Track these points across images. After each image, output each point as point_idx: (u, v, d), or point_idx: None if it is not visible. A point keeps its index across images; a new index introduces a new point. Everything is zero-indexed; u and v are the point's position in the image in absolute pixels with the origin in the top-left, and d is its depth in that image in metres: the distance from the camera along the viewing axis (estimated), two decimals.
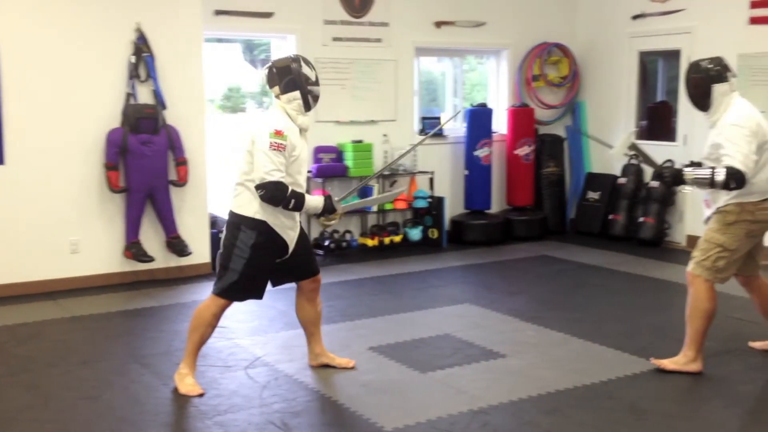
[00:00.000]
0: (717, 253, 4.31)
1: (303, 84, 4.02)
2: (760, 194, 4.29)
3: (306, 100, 4.05)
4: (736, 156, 4.11)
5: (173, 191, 6.60)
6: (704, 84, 4.32)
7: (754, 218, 4.29)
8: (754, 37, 7.34)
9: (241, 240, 4.00)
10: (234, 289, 4.08)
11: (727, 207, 4.30)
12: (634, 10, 8.41)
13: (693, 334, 4.40)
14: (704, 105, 4.36)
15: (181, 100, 6.65)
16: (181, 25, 6.66)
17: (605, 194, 8.67)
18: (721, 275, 4.36)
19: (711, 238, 4.36)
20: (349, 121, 7.80)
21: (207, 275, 6.82)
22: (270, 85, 4.07)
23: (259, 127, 3.97)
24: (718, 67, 4.34)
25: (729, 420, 3.84)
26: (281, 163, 3.89)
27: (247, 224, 4.00)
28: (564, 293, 6.33)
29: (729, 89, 4.31)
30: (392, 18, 7.94)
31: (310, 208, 4.07)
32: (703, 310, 4.35)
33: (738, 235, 4.30)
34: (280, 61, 4.09)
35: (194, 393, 4.11)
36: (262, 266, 4.08)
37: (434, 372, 4.46)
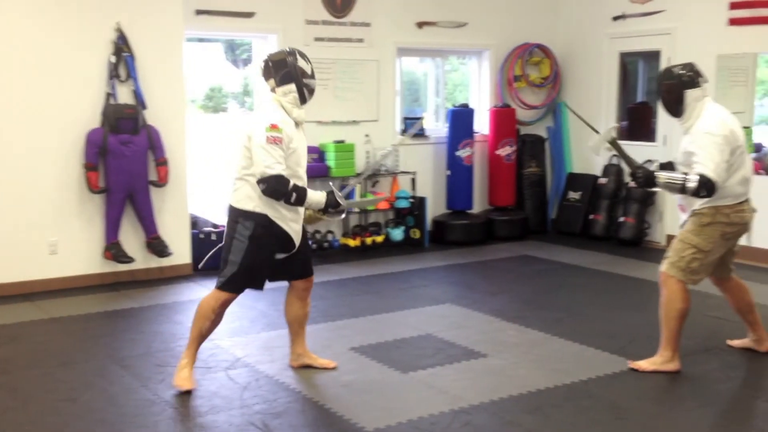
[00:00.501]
0: (691, 254, 4.35)
1: (299, 77, 4.03)
2: (734, 197, 4.32)
3: (301, 92, 4.06)
4: (708, 165, 4.14)
5: (153, 191, 6.56)
6: (677, 90, 4.35)
7: (729, 221, 4.32)
8: (734, 38, 7.40)
9: (239, 232, 4.00)
10: (234, 281, 4.06)
11: (702, 210, 4.34)
12: (615, 11, 8.46)
13: (668, 334, 4.43)
14: (677, 111, 4.39)
15: (161, 100, 6.61)
16: (162, 25, 6.62)
17: (586, 194, 8.71)
18: (695, 277, 4.39)
19: (685, 239, 4.39)
20: (331, 121, 7.79)
21: (188, 276, 6.79)
22: (265, 78, 4.08)
23: (255, 122, 3.98)
24: (690, 73, 4.37)
25: (707, 418, 3.87)
26: (280, 156, 3.90)
27: (245, 217, 4.00)
28: (545, 293, 6.35)
29: (701, 94, 4.34)
30: (374, 18, 7.94)
31: (312, 202, 4.05)
32: (676, 311, 4.38)
33: (712, 237, 4.33)
34: (275, 55, 4.10)
35: (183, 387, 4.11)
36: (262, 258, 4.06)
37: (416, 372, 4.46)
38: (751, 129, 7.38)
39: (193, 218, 7.08)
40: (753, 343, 4.79)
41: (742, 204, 4.36)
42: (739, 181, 4.31)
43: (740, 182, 4.32)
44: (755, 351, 4.76)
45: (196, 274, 6.84)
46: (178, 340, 5.08)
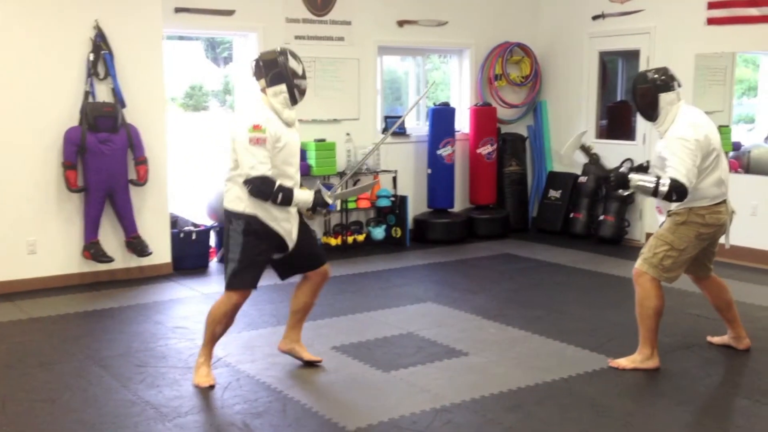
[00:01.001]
0: (664, 251, 4.39)
1: (290, 77, 4.03)
2: (709, 199, 4.36)
3: (292, 93, 4.06)
4: (680, 169, 4.19)
5: (133, 190, 6.52)
6: (651, 94, 4.39)
7: (704, 221, 4.36)
8: (712, 38, 7.46)
9: (233, 230, 4.04)
10: (238, 277, 4.08)
11: (678, 210, 4.40)
12: (594, 10, 8.50)
13: (645, 332, 4.46)
14: (652, 115, 4.43)
15: (140, 99, 6.57)
16: (141, 23, 6.58)
17: (566, 193, 8.76)
18: (668, 274, 4.42)
19: (660, 236, 4.44)
20: (312, 119, 7.77)
21: (168, 275, 6.76)
22: (256, 78, 4.07)
23: (238, 122, 3.99)
24: (664, 77, 4.40)
25: (686, 415, 3.90)
26: (264, 156, 3.90)
27: (236, 217, 4.03)
28: (526, 291, 6.37)
29: (675, 98, 4.38)
30: (355, 17, 7.93)
31: (299, 201, 4.05)
32: (651, 308, 4.41)
33: (687, 236, 4.37)
34: (266, 54, 4.10)
35: (204, 384, 4.15)
36: (257, 253, 4.06)
37: (397, 371, 4.46)
38: (729, 128, 7.45)
39: (173, 217, 7.05)
40: (732, 341, 4.83)
41: (718, 205, 4.39)
42: (713, 183, 4.35)
43: (715, 184, 4.35)
44: (734, 348, 4.81)
45: (176, 274, 6.81)
46: (158, 340, 5.05)
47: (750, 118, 8.21)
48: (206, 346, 4.26)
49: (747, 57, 7.86)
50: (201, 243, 7.08)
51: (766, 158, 7.51)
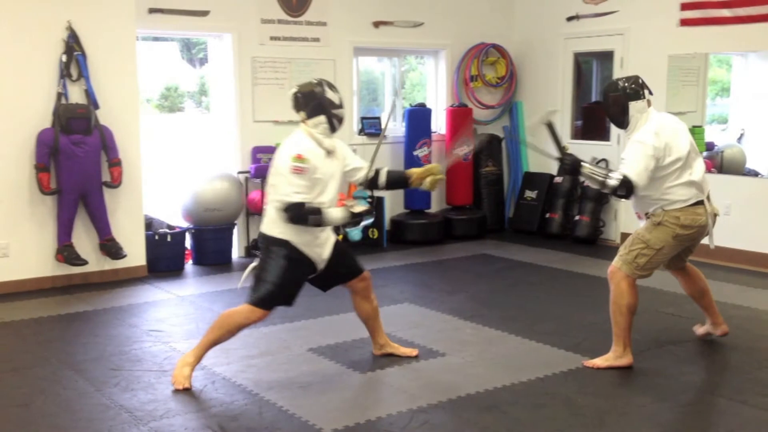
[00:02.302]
0: (639, 249, 4.45)
1: (328, 108, 4.16)
2: (682, 201, 4.42)
3: (331, 122, 4.19)
4: (632, 167, 4.30)
5: (107, 193, 6.47)
6: (621, 101, 4.48)
7: (680, 223, 4.42)
8: (685, 39, 7.53)
9: (274, 253, 4.14)
10: (269, 300, 4.16)
11: (655, 212, 4.48)
12: (569, 11, 8.55)
13: (618, 330, 4.51)
14: (622, 122, 4.53)
15: (114, 100, 6.52)
16: (114, 24, 6.52)
17: (542, 193, 8.80)
18: (641, 272, 4.48)
19: (638, 235, 4.52)
20: (288, 120, 7.74)
21: (143, 278, 6.71)
22: (296, 110, 4.21)
23: (283, 151, 4.12)
24: (634, 86, 4.49)
25: (661, 413, 3.93)
26: (301, 186, 4.03)
27: (274, 243, 4.14)
28: (502, 291, 6.40)
29: (645, 106, 4.47)
30: (330, 17, 7.92)
31: (332, 221, 4.16)
32: (624, 306, 4.46)
33: (664, 236, 4.43)
34: (304, 87, 4.23)
35: (180, 386, 4.15)
36: (296, 277, 4.20)
37: (374, 372, 4.46)
38: (702, 128, 7.53)
39: (147, 219, 7.00)
40: (710, 327, 4.94)
41: (694, 206, 4.43)
42: (683, 185, 4.40)
43: (685, 186, 4.41)
44: (709, 346, 4.87)
45: (151, 276, 6.76)
46: (133, 343, 5.01)
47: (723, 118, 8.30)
48: (201, 349, 4.25)
49: (721, 57, 7.95)
50: (176, 245, 7.03)
51: (738, 158, 7.60)
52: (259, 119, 7.60)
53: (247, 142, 7.56)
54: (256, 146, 7.54)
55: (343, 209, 4.18)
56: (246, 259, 7.57)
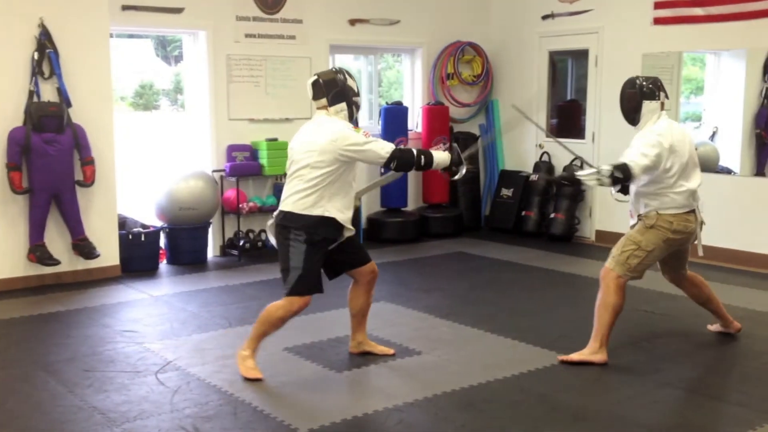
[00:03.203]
0: (632, 251, 4.54)
1: (349, 95, 4.23)
2: (678, 208, 4.53)
3: (351, 110, 4.25)
4: (630, 156, 4.41)
5: (80, 192, 6.40)
6: (636, 99, 4.57)
7: (672, 228, 4.52)
8: (658, 37, 7.59)
9: (294, 239, 4.14)
10: (302, 284, 4.17)
11: (648, 213, 4.56)
12: (544, 10, 8.58)
13: (599, 326, 4.56)
14: (633, 119, 4.62)
15: (87, 98, 6.45)
16: (87, 21, 6.45)
17: (518, 191, 8.83)
18: (632, 273, 4.57)
19: (630, 237, 4.61)
20: (263, 119, 7.72)
21: (116, 278, 6.64)
22: (316, 97, 4.23)
23: (338, 130, 4.10)
24: (651, 86, 4.58)
25: (636, 409, 3.95)
26: (383, 141, 4.19)
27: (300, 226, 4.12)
28: (478, 289, 6.41)
29: (658, 108, 4.55)
30: (306, 15, 7.89)
31: (439, 160, 4.28)
32: (610, 304, 4.52)
33: (655, 239, 4.53)
34: (325, 74, 4.26)
35: (252, 376, 4.21)
36: (317, 260, 4.21)
37: (350, 371, 4.45)
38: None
39: (121, 218, 6.93)
40: (723, 329, 5.06)
41: (687, 214, 4.57)
42: (683, 193, 4.52)
43: (685, 195, 4.53)
44: (684, 343, 4.94)
45: (125, 276, 6.70)
46: (106, 344, 4.96)
47: (697, 116, 8.36)
48: (254, 340, 4.32)
49: (695, 56, 8.01)
50: (150, 244, 6.97)
51: (712, 156, 7.65)
52: (234, 117, 7.56)
53: (222, 140, 7.51)
54: (232, 144, 7.50)
55: (447, 153, 4.31)
56: (222, 258, 7.52)
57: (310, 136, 4.20)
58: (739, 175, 7.26)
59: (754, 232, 6.99)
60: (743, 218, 6.98)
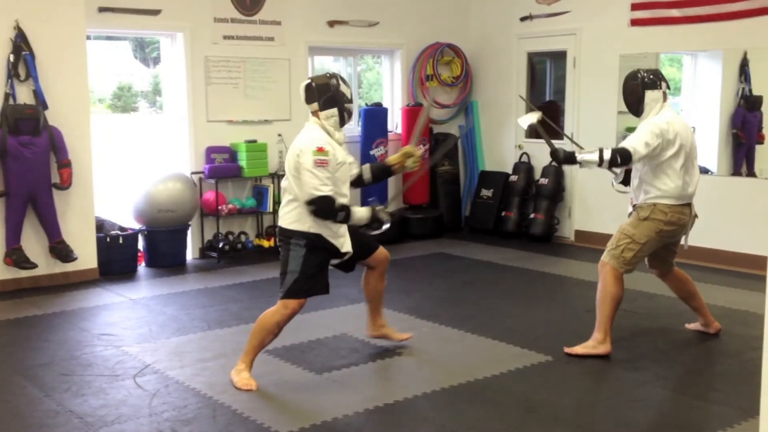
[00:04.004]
0: (626, 244, 4.63)
1: (341, 101, 4.20)
2: (674, 199, 4.61)
3: (342, 116, 4.22)
4: (631, 141, 4.52)
5: (57, 194, 6.34)
6: (638, 90, 4.67)
7: (667, 219, 4.60)
8: (635, 39, 7.64)
9: (294, 246, 4.15)
10: (297, 287, 4.17)
11: (644, 205, 4.64)
12: (522, 11, 8.61)
13: (601, 318, 4.66)
14: (637, 110, 4.71)
15: (64, 100, 6.39)
16: (63, 23, 6.40)
17: (498, 191, 8.85)
18: (627, 266, 4.67)
19: (624, 230, 4.69)
20: (242, 120, 7.69)
21: (94, 281, 6.59)
22: (308, 101, 4.22)
23: (302, 145, 4.10)
24: (652, 76, 4.69)
25: (614, 408, 3.97)
26: (326, 178, 4.06)
27: (297, 236, 4.14)
28: (458, 290, 6.42)
29: (661, 97, 4.65)
30: (284, 17, 7.87)
31: (357, 219, 4.22)
32: (610, 295, 4.63)
33: (649, 231, 4.61)
34: (318, 78, 4.26)
35: (247, 387, 4.15)
36: (317, 264, 4.20)
37: (330, 373, 4.44)
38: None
39: (99, 221, 6.88)
40: (702, 327, 5.10)
41: (683, 206, 4.65)
42: (680, 186, 4.60)
43: (682, 187, 4.61)
44: (663, 342, 4.97)
45: (103, 279, 6.64)
46: (84, 347, 4.92)
47: None
48: (249, 354, 4.25)
49: (672, 56, 8.07)
50: (128, 247, 6.92)
51: None
52: (213, 119, 7.52)
53: (200, 142, 7.47)
54: (210, 146, 7.46)
55: (367, 209, 4.26)
56: (201, 260, 7.48)
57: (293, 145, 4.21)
58: (716, 175, 7.33)
59: (731, 231, 7.05)
60: (720, 217, 7.03)
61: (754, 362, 4.36)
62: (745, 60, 7.19)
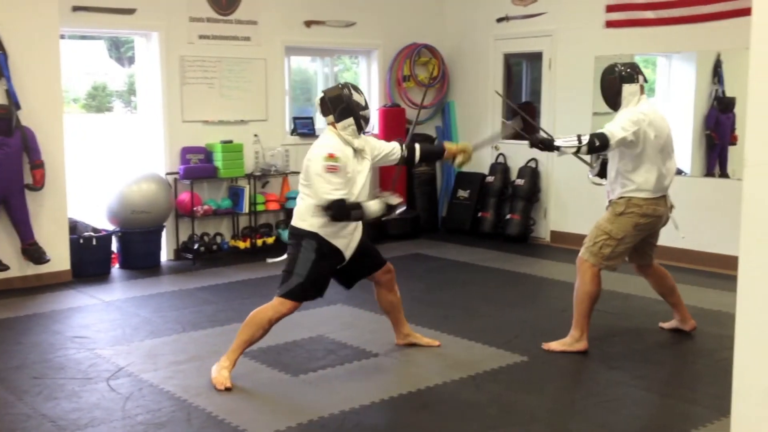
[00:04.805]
0: (603, 240, 4.66)
1: (355, 110, 4.30)
2: (650, 192, 4.64)
3: (359, 124, 4.31)
4: (608, 126, 4.55)
5: (29, 196, 6.27)
6: (616, 84, 4.69)
7: (642, 212, 4.63)
8: (610, 40, 7.69)
9: (305, 247, 4.22)
10: (299, 291, 4.24)
11: (619, 200, 4.67)
12: (498, 13, 8.64)
13: (578, 315, 4.69)
14: (615, 103, 4.74)
15: (37, 100, 6.32)
16: (36, 22, 6.32)
17: (474, 192, 8.87)
18: (607, 262, 4.69)
19: (600, 226, 4.71)
20: (218, 121, 7.64)
21: (67, 283, 6.52)
22: (324, 114, 4.34)
23: (314, 152, 4.22)
24: (630, 70, 4.72)
25: (588, 408, 3.99)
26: (339, 183, 4.14)
27: (307, 236, 4.22)
28: (435, 290, 6.42)
29: (638, 91, 4.67)
30: (261, 16, 7.84)
31: (371, 214, 4.28)
32: (587, 293, 4.67)
33: (625, 226, 4.64)
34: (330, 91, 4.36)
35: (221, 386, 4.15)
36: (324, 269, 4.28)
37: (306, 374, 4.42)
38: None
39: (72, 222, 6.80)
40: (679, 324, 5.12)
41: (657, 199, 4.68)
42: (656, 178, 4.63)
43: (657, 179, 4.63)
44: (635, 342, 5.00)
45: (76, 281, 6.57)
46: (56, 350, 4.86)
47: None
48: (236, 351, 4.27)
49: (647, 58, 8.13)
50: (102, 249, 6.86)
51: None
52: (188, 119, 7.47)
53: (176, 142, 7.42)
54: (186, 147, 7.41)
55: (378, 201, 4.31)
56: (176, 262, 7.43)
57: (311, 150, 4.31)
58: (690, 176, 7.39)
59: (704, 232, 7.11)
60: (693, 218, 7.09)
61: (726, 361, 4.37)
62: (718, 62, 7.26)
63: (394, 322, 4.83)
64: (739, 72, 7.07)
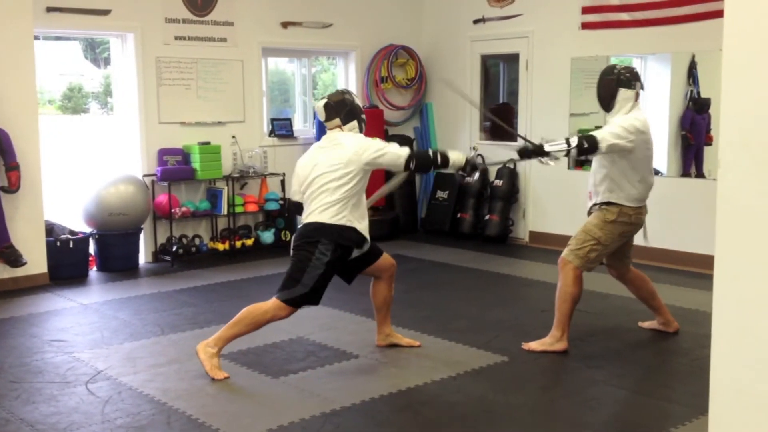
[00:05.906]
0: (591, 245, 4.69)
1: (358, 113, 4.52)
2: (638, 201, 4.71)
3: (361, 126, 4.54)
4: (600, 132, 4.56)
5: (4, 198, 6.20)
6: (612, 87, 4.68)
7: (630, 221, 4.71)
8: (586, 42, 7.74)
9: (317, 255, 4.30)
10: (299, 300, 4.33)
11: (609, 206, 4.69)
12: (475, 14, 8.67)
13: (560, 316, 4.72)
14: (608, 105, 4.74)
15: (11, 102, 6.26)
16: (9, 22, 6.26)
17: (453, 193, 8.89)
18: (590, 265, 4.76)
19: (589, 231, 4.72)
20: (195, 122, 7.61)
21: (44, 286, 6.45)
22: (329, 119, 4.49)
23: (358, 145, 4.36)
24: (629, 75, 4.71)
25: (569, 407, 4.02)
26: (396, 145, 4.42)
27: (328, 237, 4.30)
28: (415, 291, 6.42)
29: (633, 97, 4.68)
30: (237, 17, 7.81)
31: (453, 160, 4.45)
32: (570, 294, 4.70)
33: (613, 233, 4.70)
34: (334, 96, 4.55)
35: (219, 377, 4.27)
36: (328, 279, 4.38)
37: (286, 377, 4.41)
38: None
39: (48, 225, 6.74)
40: (661, 326, 5.17)
41: (641, 207, 4.76)
42: (644, 187, 4.71)
43: (646, 189, 4.72)
44: (616, 342, 5.04)
45: (53, 284, 6.51)
46: (34, 354, 4.81)
47: None
48: (222, 340, 4.34)
49: (622, 59, 8.19)
50: (79, 251, 6.79)
51: None
52: (165, 121, 7.43)
53: (152, 144, 7.37)
54: (163, 148, 7.37)
55: (462, 153, 4.47)
56: (154, 264, 7.38)
57: (330, 152, 4.39)
58: (666, 176, 7.46)
59: (681, 232, 7.18)
60: (670, 218, 7.16)
61: (704, 360, 4.44)
62: (693, 63, 7.35)
63: (380, 320, 4.85)
64: (713, 73, 7.15)
